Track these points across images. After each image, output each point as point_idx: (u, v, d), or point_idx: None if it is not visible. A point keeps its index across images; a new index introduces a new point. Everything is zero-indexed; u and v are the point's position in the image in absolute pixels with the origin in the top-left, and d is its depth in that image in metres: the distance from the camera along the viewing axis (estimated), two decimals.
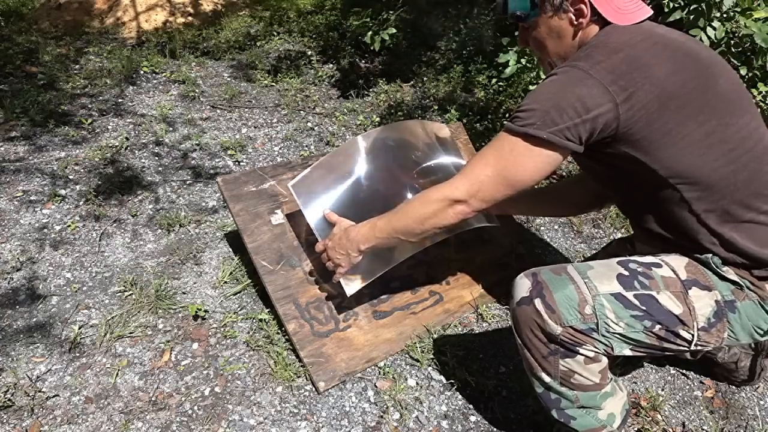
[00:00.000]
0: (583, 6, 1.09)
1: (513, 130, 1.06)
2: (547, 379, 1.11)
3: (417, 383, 1.47)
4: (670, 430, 1.40)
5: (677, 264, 1.10)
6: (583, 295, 1.04)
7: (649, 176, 1.06)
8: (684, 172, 1.04)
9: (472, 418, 1.40)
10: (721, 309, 1.07)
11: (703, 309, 1.06)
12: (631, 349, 1.08)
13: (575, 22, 1.11)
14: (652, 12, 1.14)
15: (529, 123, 1.04)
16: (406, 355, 1.55)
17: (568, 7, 1.11)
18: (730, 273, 1.08)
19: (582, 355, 1.06)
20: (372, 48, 3.00)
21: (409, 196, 1.53)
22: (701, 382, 1.53)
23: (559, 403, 1.13)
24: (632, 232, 1.37)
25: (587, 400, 1.12)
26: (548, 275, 1.08)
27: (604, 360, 1.10)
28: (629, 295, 1.05)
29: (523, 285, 1.09)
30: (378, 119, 2.80)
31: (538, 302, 1.05)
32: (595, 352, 1.07)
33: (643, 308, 1.04)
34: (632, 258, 1.13)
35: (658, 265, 1.10)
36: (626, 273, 1.08)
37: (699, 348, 1.09)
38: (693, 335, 1.06)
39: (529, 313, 1.06)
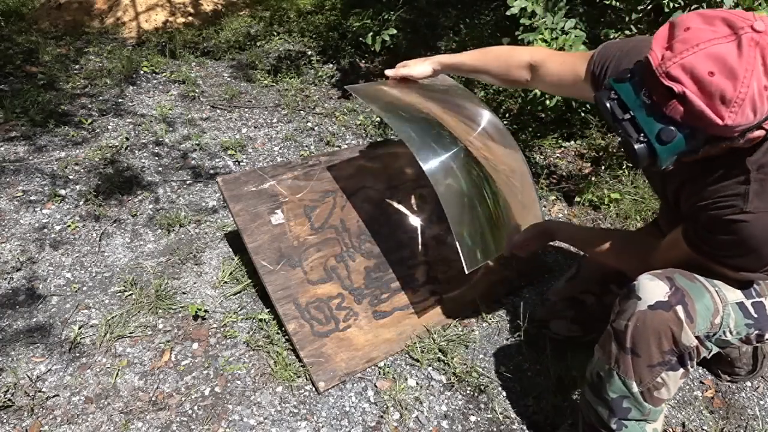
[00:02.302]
0: (760, 132, 0.82)
1: (756, 277, 1.03)
2: (635, 388, 1.05)
3: (417, 383, 1.47)
4: (670, 430, 1.40)
5: None
6: (717, 305, 1.02)
7: None
8: None
9: (472, 418, 1.40)
10: None
11: None
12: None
13: (735, 146, 0.88)
14: None
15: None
16: (406, 355, 1.55)
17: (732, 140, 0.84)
18: None
19: (687, 369, 1.04)
20: (372, 48, 3.00)
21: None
22: (701, 382, 1.53)
23: (627, 413, 1.09)
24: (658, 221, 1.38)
25: (653, 415, 1.10)
26: (684, 281, 1.03)
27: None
28: (748, 303, 1.04)
29: (657, 288, 1.01)
30: (378, 119, 2.80)
31: (679, 309, 0.99)
32: (693, 366, 1.05)
33: (756, 316, 1.04)
34: None
35: None
36: None
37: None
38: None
39: (667, 319, 0.99)
